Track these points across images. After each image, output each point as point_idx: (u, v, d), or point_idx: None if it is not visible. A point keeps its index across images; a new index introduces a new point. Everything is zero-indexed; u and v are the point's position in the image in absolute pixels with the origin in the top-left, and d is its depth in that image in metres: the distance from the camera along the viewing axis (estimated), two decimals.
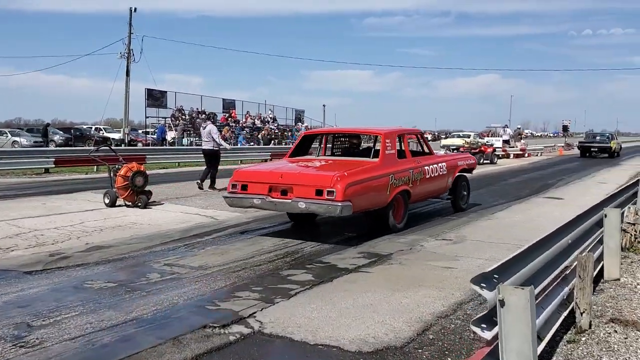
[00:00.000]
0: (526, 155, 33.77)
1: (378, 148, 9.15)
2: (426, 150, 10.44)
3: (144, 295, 5.23)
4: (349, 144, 10.37)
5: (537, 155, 35.72)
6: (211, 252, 7.10)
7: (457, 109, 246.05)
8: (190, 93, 42.14)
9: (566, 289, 4.39)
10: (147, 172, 11.20)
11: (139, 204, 10.55)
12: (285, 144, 40.19)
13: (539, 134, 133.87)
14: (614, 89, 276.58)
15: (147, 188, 10.94)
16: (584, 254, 4.46)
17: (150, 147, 29.93)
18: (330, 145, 10.57)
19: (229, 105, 43.00)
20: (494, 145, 29.27)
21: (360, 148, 10.42)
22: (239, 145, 33.27)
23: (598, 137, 36.76)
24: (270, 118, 45.78)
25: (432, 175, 9.63)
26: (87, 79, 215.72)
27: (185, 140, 34.67)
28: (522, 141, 37.04)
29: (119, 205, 10.64)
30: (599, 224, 6.16)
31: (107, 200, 10.67)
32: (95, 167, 18.92)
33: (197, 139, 35.75)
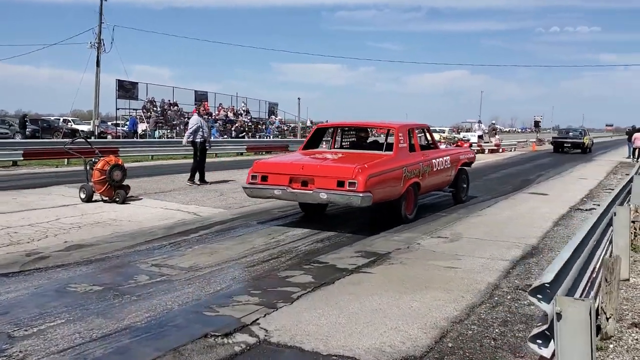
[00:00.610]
0: (500, 150, 33.94)
1: (390, 141, 9.41)
2: (432, 144, 10.62)
3: (134, 300, 4.83)
4: (357, 137, 10.43)
5: (511, 150, 35.94)
6: (199, 251, 6.71)
7: (425, 105, 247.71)
8: (162, 85, 41.43)
9: (591, 294, 4.15)
10: None
11: (117, 199, 10.07)
12: (259, 137, 39.75)
13: (507, 130, 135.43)
14: (579, 85, 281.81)
15: (125, 182, 10.46)
16: (610, 255, 4.21)
17: (122, 139, 29.09)
18: (340, 139, 10.73)
19: (201, 97, 42.28)
20: (470, 141, 29.29)
21: (368, 141, 10.44)
22: (211, 138, 32.63)
23: (571, 133, 37.01)
24: (244, 110, 45.21)
25: (439, 169, 9.95)
26: (53, 70, 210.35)
27: (157, 133, 33.93)
28: (497, 136, 37.25)
29: (96, 201, 10.13)
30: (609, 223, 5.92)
31: (83, 195, 10.15)
32: (67, 160, 18.23)
33: (169, 131, 35.11)
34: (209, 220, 8.76)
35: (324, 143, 11.32)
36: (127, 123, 35.12)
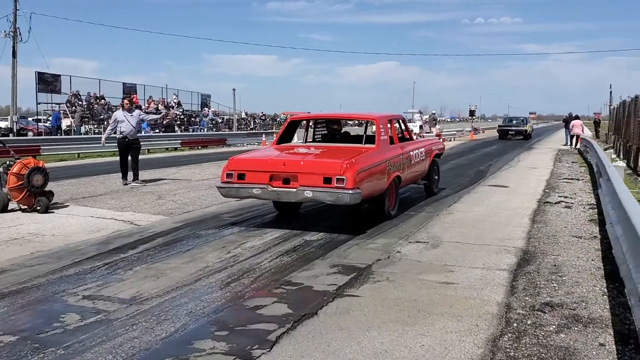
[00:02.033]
0: (441, 140, 33.65)
1: (370, 134, 8.99)
2: (407, 135, 10.23)
3: (61, 356, 3.62)
4: (330, 129, 9.97)
5: (450, 140, 35.79)
6: (142, 274, 5.50)
7: (359, 96, 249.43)
8: (87, 77, 39.06)
9: None
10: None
11: (38, 208, 8.63)
12: (192, 131, 37.97)
13: (438, 119, 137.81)
14: (504, 75, 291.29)
15: (48, 188, 9.02)
16: None
17: (44, 136, 26.83)
18: (313, 131, 10.16)
19: (129, 90, 40.09)
20: (414, 131, 28.80)
21: (342, 134, 9.95)
22: (142, 132, 30.78)
23: (514, 122, 39.59)
24: (175, 103, 43.22)
25: (416, 161, 9.68)
26: None
27: (83, 128, 31.68)
28: (437, 126, 37.10)
29: (12, 210, 8.67)
30: None
31: None
32: None
33: (96, 126, 32.85)
34: (148, 230, 7.52)
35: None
36: (50, 119, 32.64)
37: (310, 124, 10.27)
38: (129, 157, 12.29)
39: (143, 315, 4.33)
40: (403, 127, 10.42)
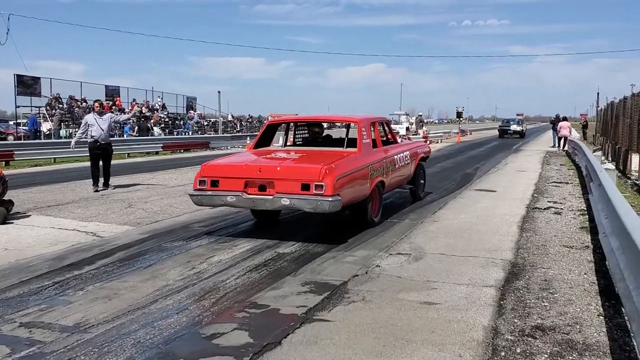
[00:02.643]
0: (428, 142, 33.24)
1: (352, 137, 8.51)
2: (391, 138, 9.86)
3: None
4: (311, 133, 9.59)
5: (437, 142, 35.43)
6: (93, 294, 4.98)
7: (348, 98, 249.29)
8: (68, 79, 38.28)
9: None
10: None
11: None
12: (177, 134, 37.30)
13: (426, 121, 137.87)
14: (491, 77, 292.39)
15: (7, 197, 8.46)
16: None
17: (19, 141, 26.10)
18: (293, 135, 9.76)
19: (112, 93, 39.51)
20: (400, 133, 28.40)
21: (323, 137, 9.55)
22: (125, 136, 30.13)
23: (511, 123, 45.73)
24: (160, 105, 42.54)
25: (400, 165, 9.29)
26: None
27: (63, 132, 30.95)
28: (424, 128, 36.73)
29: None
30: None
31: None
32: None
33: (77, 130, 32.10)
34: (111, 243, 6.98)
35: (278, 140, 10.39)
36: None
37: (291, 127, 9.82)
38: (101, 163, 11.78)
39: (83, 347, 3.81)
40: (387, 130, 10.02)
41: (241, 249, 6.63)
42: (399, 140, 11.15)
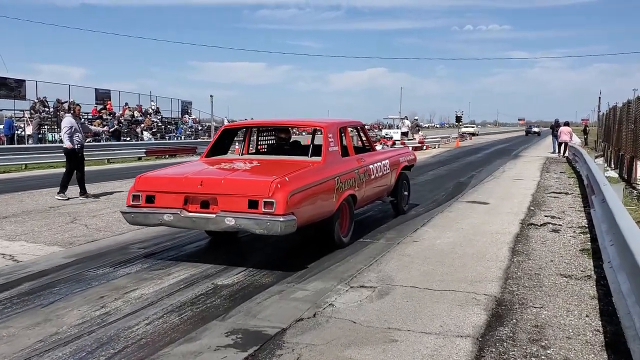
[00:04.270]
0: (424, 148, 32.12)
1: (318, 144, 7.39)
2: (367, 145, 8.94)
3: None
4: (277, 139, 8.41)
5: (435, 147, 34.29)
6: None
7: (349, 102, 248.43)
8: (55, 82, 37.28)
9: None
10: None
11: None
12: (168, 139, 36.18)
13: (427, 125, 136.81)
14: (493, 82, 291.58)
15: None
16: None
17: None
18: (255, 142, 8.69)
19: (102, 96, 38.53)
20: (393, 138, 27.34)
21: (290, 144, 8.37)
22: (111, 140, 29.02)
23: (533, 127, 76.65)
24: (153, 110, 41.49)
25: (377, 175, 8.19)
26: None
27: (50, 136, 29.84)
28: (420, 133, 35.63)
29: None
30: None
31: None
32: None
33: (59, 133, 31.02)
34: (23, 270, 5.88)
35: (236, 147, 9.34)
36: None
37: (253, 132, 8.71)
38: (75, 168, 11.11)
39: None
40: (362, 136, 8.94)
41: (173, 279, 5.52)
42: (379, 147, 10.06)
